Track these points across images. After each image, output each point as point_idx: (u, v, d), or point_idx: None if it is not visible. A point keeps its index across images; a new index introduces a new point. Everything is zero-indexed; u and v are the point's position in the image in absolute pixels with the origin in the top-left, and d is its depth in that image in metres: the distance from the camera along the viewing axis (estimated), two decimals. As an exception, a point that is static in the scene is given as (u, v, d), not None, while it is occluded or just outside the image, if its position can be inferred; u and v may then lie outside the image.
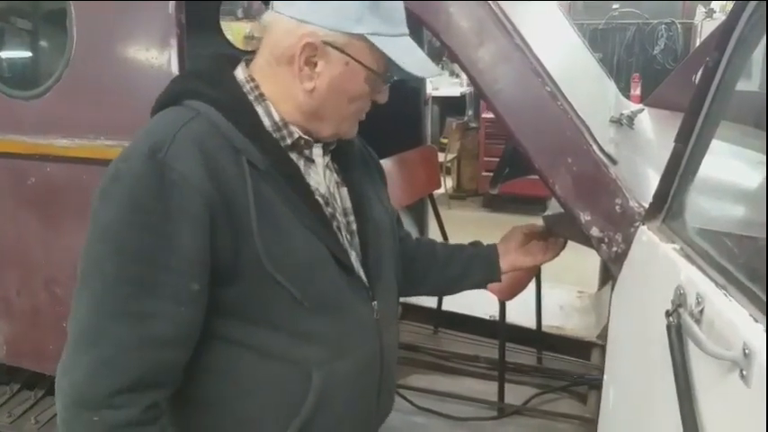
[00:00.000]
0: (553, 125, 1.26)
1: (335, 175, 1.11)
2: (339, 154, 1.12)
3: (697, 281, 0.83)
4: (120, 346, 0.88)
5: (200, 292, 0.92)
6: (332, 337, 1.02)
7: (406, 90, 3.27)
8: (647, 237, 1.07)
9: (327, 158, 1.10)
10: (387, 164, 2.63)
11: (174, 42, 1.71)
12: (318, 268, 1.00)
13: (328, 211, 1.05)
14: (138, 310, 0.89)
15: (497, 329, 2.50)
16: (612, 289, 1.25)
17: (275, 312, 0.97)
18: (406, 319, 3.09)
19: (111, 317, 0.88)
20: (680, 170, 0.96)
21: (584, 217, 1.25)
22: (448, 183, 6.07)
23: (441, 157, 5.75)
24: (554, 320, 2.92)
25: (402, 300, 3.16)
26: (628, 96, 4.89)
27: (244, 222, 0.92)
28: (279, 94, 1.01)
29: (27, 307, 2.15)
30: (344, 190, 1.11)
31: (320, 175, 1.07)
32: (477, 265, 1.37)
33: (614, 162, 1.28)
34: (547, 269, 2.86)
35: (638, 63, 5.90)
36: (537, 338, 2.78)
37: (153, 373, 0.91)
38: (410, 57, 1.00)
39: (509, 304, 2.44)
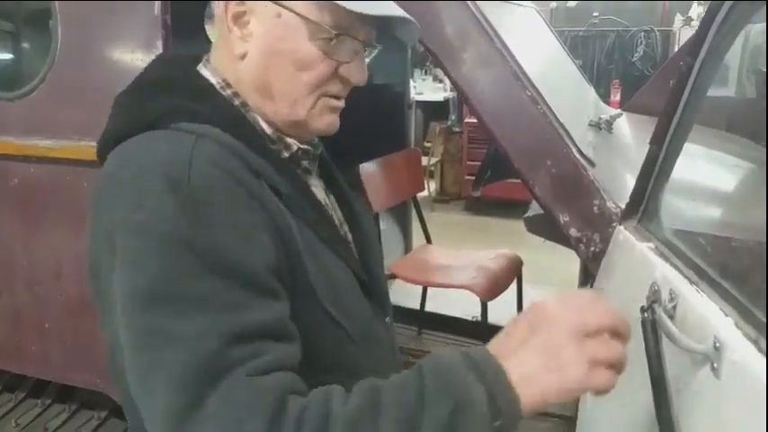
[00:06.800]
0: (533, 128, 1.29)
1: (322, 182, 0.97)
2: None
3: (671, 278, 0.86)
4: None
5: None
6: (373, 368, 0.82)
7: (391, 94, 3.30)
8: (623, 236, 1.10)
9: (316, 165, 0.96)
10: (371, 167, 2.66)
11: (159, 44, 1.71)
12: (352, 294, 0.88)
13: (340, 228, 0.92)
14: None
15: (480, 330, 2.53)
16: (591, 288, 1.28)
17: (329, 353, 0.81)
18: (389, 321, 3.11)
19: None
20: (655, 171, 0.99)
21: (563, 218, 1.28)
22: (431, 186, 6.11)
23: (424, 160, 5.79)
24: (536, 321, 2.95)
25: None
26: (608, 102, 4.96)
27: (292, 248, 0.77)
28: (233, 79, 0.84)
29: (9, 308, 2.13)
30: (332, 198, 0.97)
31: (318, 187, 0.93)
32: None
33: (592, 164, 1.31)
34: (528, 270, 2.92)
35: (617, 69, 5.98)
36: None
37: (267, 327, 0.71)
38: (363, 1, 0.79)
39: (491, 305, 2.47)
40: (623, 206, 1.18)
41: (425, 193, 5.99)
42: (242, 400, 0.65)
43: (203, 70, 0.86)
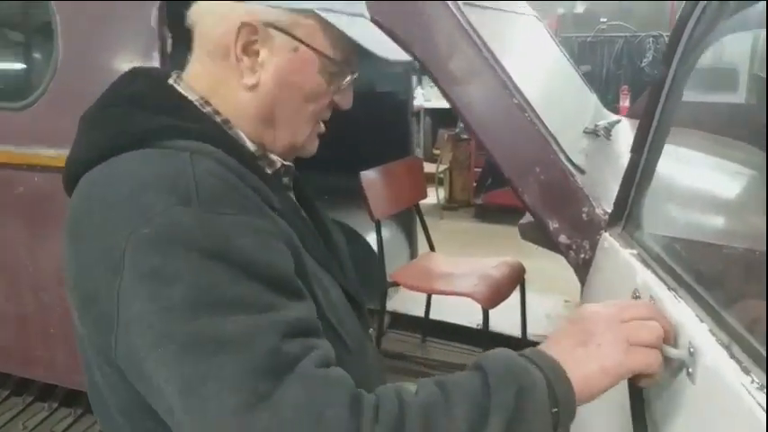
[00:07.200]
0: (521, 136, 1.30)
1: (294, 198, 0.95)
2: None
3: (651, 284, 0.86)
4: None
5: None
6: (365, 377, 0.78)
7: (394, 102, 3.32)
8: (608, 243, 1.10)
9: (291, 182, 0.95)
10: (371, 175, 2.66)
11: (155, 54, 1.75)
12: (344, 307, 0.89)
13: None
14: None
15: (485, 338, 2.53)
16: (581, 295, 1.28)
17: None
18: (394, 328, 3.11)
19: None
20: (636, 178, 0.99)
21: (553, 225, 1.28)
22: (440, 193, 6.10)
23: (433, 168, 5.78)
24: (540, 329, 2.94)
25: (390, 308, 3.20)
26: (617, 108, 4.92)
27: (297, 259, 0.77)
28: (225, 104, 0.83)
29: (16, 314, 2.17)
30: (302, 211, 0.94)
31: (296, 203, 0.93)
32: None
33: (582, 171, 1.31)
34: (535, 278, 2.91)
35: (626, 75, 5.93)
36: (522, 347, 2.78)
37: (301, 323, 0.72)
38: (372, 38, 0.83)
39: (497, 313, 2.46)
40: (612, 213, 1.17)
41: (434, 200, 5.99)
42: (317, 389, 0.64)
43: (177, 87, 0.84)
